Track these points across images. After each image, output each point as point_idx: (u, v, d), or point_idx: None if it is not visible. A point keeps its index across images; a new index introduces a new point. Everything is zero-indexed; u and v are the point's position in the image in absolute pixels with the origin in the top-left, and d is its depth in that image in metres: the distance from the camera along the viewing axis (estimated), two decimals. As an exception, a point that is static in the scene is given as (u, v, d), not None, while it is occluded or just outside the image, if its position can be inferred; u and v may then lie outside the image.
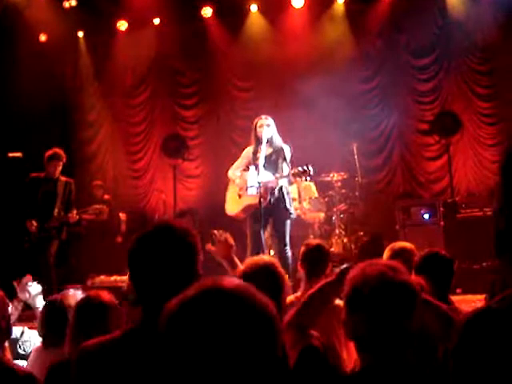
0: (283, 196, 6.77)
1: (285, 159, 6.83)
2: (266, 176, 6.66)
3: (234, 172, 7.08)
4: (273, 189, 6.68)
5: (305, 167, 6.51)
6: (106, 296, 3.09)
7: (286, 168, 6.83)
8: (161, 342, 1.24)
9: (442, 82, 11.26)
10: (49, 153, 7.77)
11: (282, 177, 6.68)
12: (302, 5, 11.10)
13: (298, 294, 4.16)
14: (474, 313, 1.41)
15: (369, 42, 11.19)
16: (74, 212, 7.70)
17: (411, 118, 11.36)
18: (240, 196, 6.87)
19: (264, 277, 2.82)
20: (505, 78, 10.73)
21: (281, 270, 2.95)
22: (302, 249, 4.37)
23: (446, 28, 10.95)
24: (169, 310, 1.25)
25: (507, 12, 10.18)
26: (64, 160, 7.83)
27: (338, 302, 4.20)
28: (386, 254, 4.19)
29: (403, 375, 1.85)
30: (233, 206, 6.99)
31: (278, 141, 6.88)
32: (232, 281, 1.28)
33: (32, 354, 3.73)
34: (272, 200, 6.68)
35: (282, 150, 6.82)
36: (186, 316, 1.21)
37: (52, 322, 3.54)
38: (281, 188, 6.77)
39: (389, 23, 11.10)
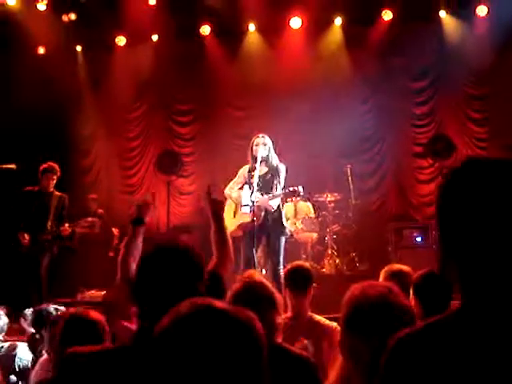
0: (280, 214, 6.82)
1: (279, 179, 6.88)
2: (259, 196, 6.69)
3: (230, 190, 7.09)
4: (266, 209, 6.74)
5: (295, 188, 6.73)
6: (94, 315, 3.00)
7: (279, 188, 6.89)
8: (154, 358, 1.29)
9: (437, 105, 11.35)
10: (43, 166, 7.78)
11: (273, 197, 6.76)
12: (299, 25, 11.18)
13: (288, 314, 4.15)
14: (404, 333, 1.43)
15: (365, 64, 11.24)
16: (67, 225, 7.69)
17: (406, 140, 11.43)
18: (235, 214, 6.89)
19: (252, 294, 2.84)
20: (499, 103, 10.83)
21: (269, 288, 2.95)
22: (284, 271, 4.38)
23: (442, 52, 11.05)
24: (162, 327, 1.31)
25: (503, 38, 10.30)
26: (58, 174, 7.84)
27: (330, 323, 4.20)
28: (382, 275, 4.12)
29: None
30: (229, 224, 6.95)
31: (275, 160, 6.89)
32: (220, 302, 1.35)
33: (38, 366, 3.76)
34: (269, 219, 6.71)
35: (277, 169, 6.85)
36: (179, 333, 1.27)
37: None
38: (278, 206, 6.84)
39: (386, 46, 11.16)
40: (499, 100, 10.86)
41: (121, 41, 11.63)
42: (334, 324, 4.08)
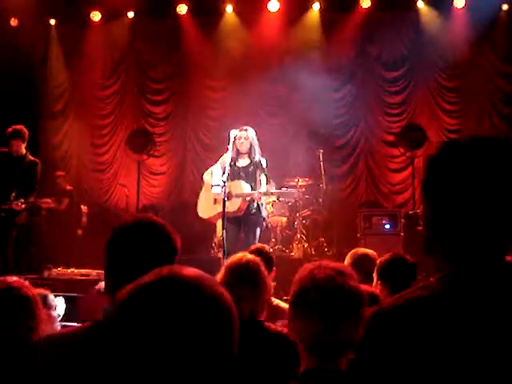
0: (259, 207, 6.85)
1: (263, 172, 6.92)
2: (247, 189, 6.74)
3: (209, 177, 7.06)
4: (252, 201, 6.77)
5: (292, 190, 7.39)
6: (26, 290, 2.61)
7: (263, 180, 6.92)
8: (112, 328, 1.21)
9: (410, 95, 11.41)
10: (8, 130, 7.44)
11: (265, 194, 6.84)
12: (277, 9, 11.13)
13: None
14: (382, 306, 1.43)
15: (341, 51, 11.24)
16: (22, 201, 7.29)
17: (378, 128, 11.50)
18: (216, 201, 6.86)
19: (245, 273, 2.91)
20: (472, 96, 10.92)
21: (263, 268, 3.01)
22: None
23: (417, 42, 11.11)
24: (122, 295, 1.21)
25: (479, 30, 10.39)
26: (25, 137, 7.46)
27: (279, 302, 4.17)
28: (347, 260, 4.15)
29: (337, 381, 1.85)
30: (208, 209, 7.03)
31: (258, 154, 6.90)
32: (189, 269, 1.24)
33: None
34: (252, 210, 6.74)
35: (259, 163, 6.87)
36: (139, 302, 1.17)
37: None
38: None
39: (362, 34, 11.19)
40: (472, 92, 10.95)
41: (96, 16, 11.47)
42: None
